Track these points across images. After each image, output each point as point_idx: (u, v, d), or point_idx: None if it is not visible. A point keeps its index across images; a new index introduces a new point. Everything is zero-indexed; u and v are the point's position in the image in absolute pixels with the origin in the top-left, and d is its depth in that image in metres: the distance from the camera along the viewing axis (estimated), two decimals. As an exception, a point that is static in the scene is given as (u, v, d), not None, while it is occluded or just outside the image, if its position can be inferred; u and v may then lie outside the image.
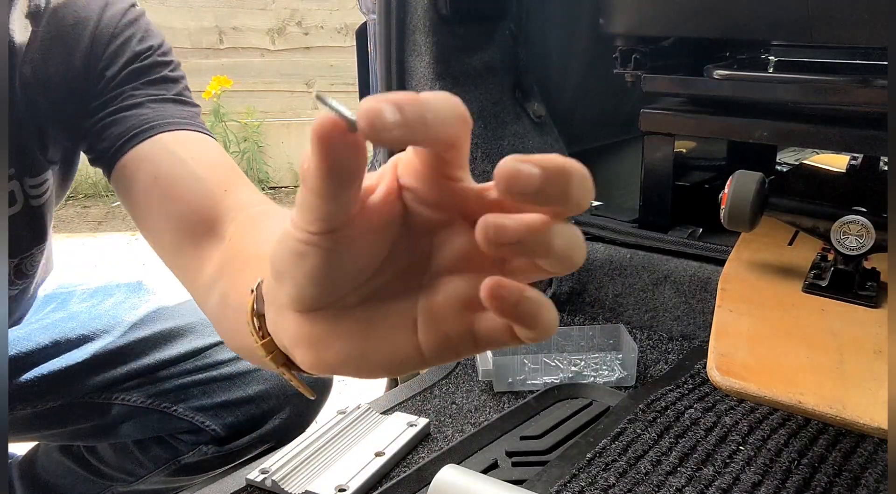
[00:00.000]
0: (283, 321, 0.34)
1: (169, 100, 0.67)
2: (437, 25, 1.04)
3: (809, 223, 0.84)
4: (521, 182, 0.25)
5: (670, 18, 1.01)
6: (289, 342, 0.34)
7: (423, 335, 0.31)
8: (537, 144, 1.17)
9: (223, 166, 0.64)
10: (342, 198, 0.27)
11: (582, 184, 0.26)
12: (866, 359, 0.74)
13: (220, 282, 0.53)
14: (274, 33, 3.93)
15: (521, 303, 0.27)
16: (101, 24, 0.66)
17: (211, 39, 3.83)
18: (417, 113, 0.25)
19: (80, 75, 0.66)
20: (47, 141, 0.69)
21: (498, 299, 0.27)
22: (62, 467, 0.97)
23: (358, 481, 0.67)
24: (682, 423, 0.71)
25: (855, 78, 0.90)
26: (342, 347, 0.32)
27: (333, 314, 0.32)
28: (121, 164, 0.64)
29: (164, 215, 0.61)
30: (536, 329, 0.28)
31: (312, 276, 0.30)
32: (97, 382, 0.84)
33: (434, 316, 0.31)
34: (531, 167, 0.25)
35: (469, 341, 0.30)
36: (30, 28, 0.64)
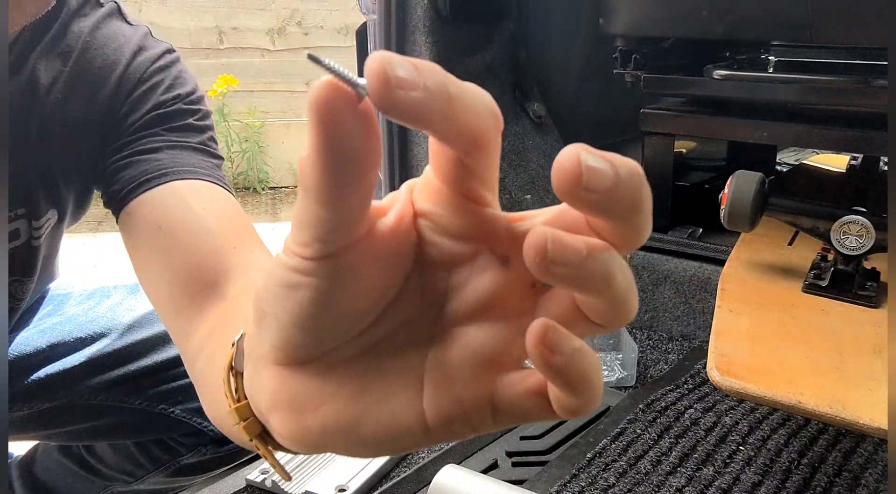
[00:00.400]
0: (262, 377, 0.27)
1: (189, 148, 0.63)
2: (437, 25, 1.04)
3: (809, 223, 0.84)
4: (594, 178, 0.20)
5: (670, 19, 1.01)
6: (266, 404, 0.27)
7: (429, 399, 0.25)
8: (537, 144, 1.17)
9: (236, 222, 0.59)
10: (348, 203, 0.22)
11: (650, 202, 0.21)
12: (866, 359, 0.74)
13: (211, 342, 0.48)
14: (274, 33, 3.93)
15: (574, 359, 0.22)
16: (130, 68, 0.64)
17: (211, 39, 3.83)
18: (439, 81, 0.20)
19: (100, 118, 0.64)
20: (58, 182, 0.67)
21: (550, 347, 0.21)
22: (61, 467, 0.97)
23: (358, 481, 0.67)
24: (682, 423, 0.71)
25: (855, 78, 0.90)
26: (329, 412, 0.26)
27: (322, 369, 0.26)
28: (128, 209, 0.61)
29: (164, 266, 0.56)
30: (582, 397, 0.23)
31: (301, 316, 0.24)
32: (95, 384, 0.84)
33: (445, 375, 0.25)
34: (603, 162, 0.20)
35: (485, 410, 0.25)
36: (58, 67, 0.63)
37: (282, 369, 0.26)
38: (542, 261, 0.20)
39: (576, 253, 0.21)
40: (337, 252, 0.23)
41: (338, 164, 0.21)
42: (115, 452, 0.92)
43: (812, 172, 1.18)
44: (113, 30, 0.65)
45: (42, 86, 0.62)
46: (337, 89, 0.20)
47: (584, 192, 0.20)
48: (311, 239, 0.23)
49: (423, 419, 0.25)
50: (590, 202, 0.20)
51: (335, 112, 0.20)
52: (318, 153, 0.21)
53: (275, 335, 0.25)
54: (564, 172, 0.20)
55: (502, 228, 0.24)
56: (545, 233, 0.21)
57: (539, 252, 0.20)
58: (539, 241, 0.20)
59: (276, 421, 0.27)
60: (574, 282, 0.21)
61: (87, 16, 0.65)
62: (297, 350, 0.25)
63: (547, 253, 0.20)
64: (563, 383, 0.22)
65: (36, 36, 0.61)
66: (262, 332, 0.26)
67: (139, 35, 0.66)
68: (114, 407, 0.85)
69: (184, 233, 0.56)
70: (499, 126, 0.22)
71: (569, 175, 0.20)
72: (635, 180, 0.21)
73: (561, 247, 0.20)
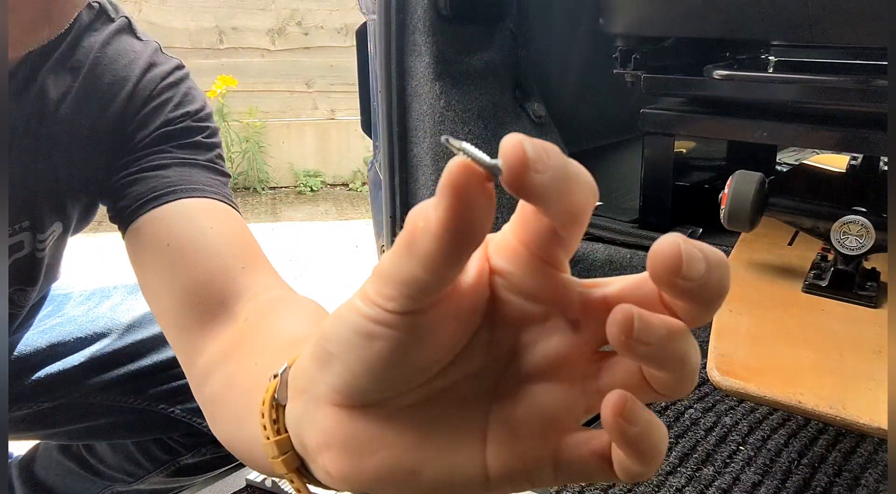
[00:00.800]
0: (316, 415, 0.27)
1: (198, 166, 0.63)
2: (437, 25, 1.04)
3: (809, 223, 0.84)
4: (692, 267, 0.21)
5: (670, 18, 1.01)
6: (318, 442, 0.28)
7: (492, 454, 0.26)
8: (537, 144, 1.17)
9: (244, 241, 0.59)
10: (451, 272, 0.22)
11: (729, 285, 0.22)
12: (866, 359, 0.74)
13: (228, 364, 0.47)
14: (274, 33, 3.93)
15: (648, 430, 0.23)
16: (140, 85, 0.64)
17: (211, 39, 3.83)
18: (560, 163, 0.21)
19: (109, 134, 0.63)
20: (64, 196, 0.66)
21: (627, 418, 0.22)
22: (61, 467, 0.97)
23: (358, 481, 0.67)
24: (682, 423, 0.71)
25: (855, 78, 0.90)
26: (387, 456, 0.26)
27: (383, 414, 0.26)
28: (136, 225, 0.60)
29: (171, 283, 0.56)
30: (649, 465, 0.23)
31: (374, 365, 0.24)
32: (95, 384, 0.84)
33: (510, 431, 0.26)
34: (698, 252, 0.21)
35: (548, 468, 0.25)
36: (68, 82, 0.62)
37: (340, 410, 0.27)
38: (628, 340, 0.21)
39: (659, 333, 0.22)
40: (422, 307, 0.24)
41: (459, 241, 0.21)
42: (114, 452, 0.92)
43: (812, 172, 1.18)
44: (123, 46, 0.65)
45: (52, 100, 0.62)
46: (472, 171, 0.21)
47: (682, 281, 0.21)
48: (400, 295, 0.23)
49: (486, 471, 0.26)
50: (683, 289, 0.21)
51: (469, 193, 0.21)
52: (443, 227, 0.21)
53: (341, 379, 0.26)
54: (665, 259, 0.21)
55: (575, 293, 0.25)
56: (631, 311, 0.21)
57: (625, 330, 0.21)
58: (626, 319, 0.21)
59: (328, 461, 0.27)
60: (653, 360, 0.22)
61: (97, 30, 0.64)
62: (362, 394, 0.26)
63: (633, 332, 0.21)
64: (634, 452, 0.23)
65: (47, 51, 0.61)
66: (324, 373, 0.26)
67: (149, 51, 0.66)
68: (114, 407, 0.85)
69: (192, 252, 0.56)
70: (595, 202, 0.23)
71: (669, 263, 0.21)
72: (723, 269, 0.22)
73: (646, 327, 0.22)
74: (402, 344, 0.24)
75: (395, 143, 1.10)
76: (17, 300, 0.76)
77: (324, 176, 4.00)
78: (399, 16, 1.05)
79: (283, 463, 0.31)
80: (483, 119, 1.11)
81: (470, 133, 1.07)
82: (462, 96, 1.08)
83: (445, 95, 1.06)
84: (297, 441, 0.30)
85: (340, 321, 0.25)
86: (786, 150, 1.43)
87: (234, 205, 0.63)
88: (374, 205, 1.28)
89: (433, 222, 0.21)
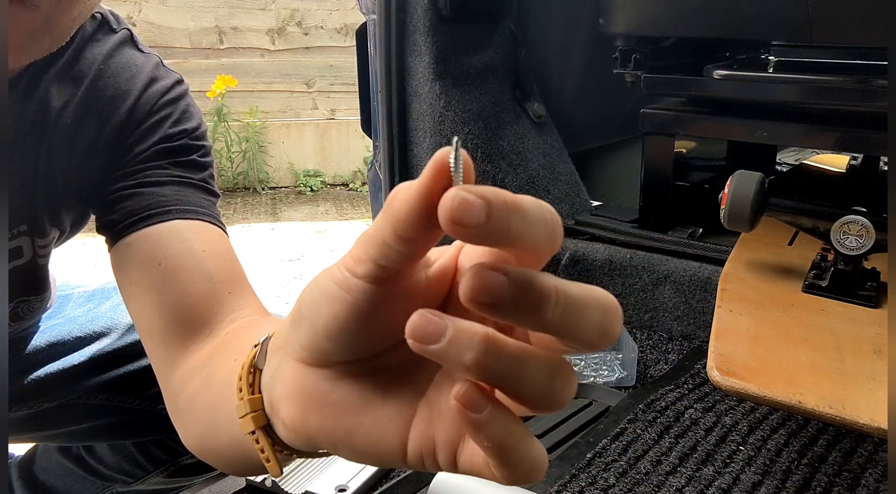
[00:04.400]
0: (284, 369, 0.31)
1: (192, 185, 0.64)
2: (437, 25, 1.04)
3: (809, 223, 0.84)
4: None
5: (670, 18, 1.01)
6: (281, 392, 0.31)
7: (414, 433, 0.29)
8: (537, 144, 1.17)
9: (232, 266, 0.61)
10: (415, 244, 0.25)
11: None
12: (866, 359, 0.74)
13: (207, 368, 0.50)
14: (274, 33, 3.92)
15: (492, 425, 0.24)
16: (141, 100, 0.64)
17: (211, 39, 3.83)
18: (506, 209, 0.22)
19: (107, 146, 0.64)
20: (60, 207, 0.67)
21: (467, 404, 0.24)
22: (61, 467, 0.97)
23: (358, 481, 0.67)
24: (682, 423, 0.71)
25: (855, 78, 0.89)
26: (331, 414, 0.29)
27: (336, 376, 0.30)
28: (128, 240, 0.61)
29: (159, 301, 0.57)
30: (508, 469, 0.25)
31: (333, 326, 0.28)
32: (95, 384, 0.84)
33: (430, 415, 0.29)
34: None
35: (450, 457, 0.28)
36: (70, 92, 0.63)
37: (303, 366, 0.30)
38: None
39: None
40: (382, 280, 0.26)
41: (428, 209, 0.23)
42: (114, 452, 0.92)
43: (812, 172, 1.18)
44: (126, 59, 0.65)
45: (53, 109, 0.62)
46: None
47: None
48: (369, 257, 0.26)
49: (404, 447, 0.29)
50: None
51: (447, 175, 0.23)
52: (421, 191, 0.24)
53: (305, 338, 0.29)
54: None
55: None
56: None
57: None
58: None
59: (285, 410, 0.31)
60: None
61: (99, 41, 0.64)
62: (322, 354, 0.29)
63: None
64: (486, 451, 0.25)
65: (50, 60, 0.61)
66: (295, 331, 0.30)
67: (151, 65, 0.66)
68: (114, 407, 0.85)
69: (183, 273, 0.58)
70: (554, 248, 0.25)
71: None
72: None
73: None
74: (359, 310, 0.27)
75: (395, 143, 1.10)
76: (20, 312, 0.76)
77: (324, 176, 4.00)
78: (399, 16, 1.05)
79: (252, 420, 0.35)
80: (483, 119, 1.11)
81: (470, 133, 1.07)
82: (462, 96, 1.08)
83: (445, 95, 1.06)
84: (268, 400, 0.34)
85: (315, 284, 0.28)
86: (786, 150, 1.43)
87: (222, 227, 0.64)
88: (374, 205, 1.28)
89: (413, 187, 0.24)
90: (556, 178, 1.15)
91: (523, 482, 0.25)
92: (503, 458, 0.25)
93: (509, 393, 0.24)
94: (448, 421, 0.28)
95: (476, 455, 0.27)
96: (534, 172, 1.13)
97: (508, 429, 0.24)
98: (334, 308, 0.27)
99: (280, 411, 0.32)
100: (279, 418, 0.32)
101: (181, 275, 0.58)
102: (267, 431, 0.35)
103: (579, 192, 1.18)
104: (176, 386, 0.54)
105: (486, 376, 0.23)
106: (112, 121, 0.64)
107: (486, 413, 0.24)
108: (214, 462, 0.49)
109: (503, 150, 1.11)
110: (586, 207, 1.16)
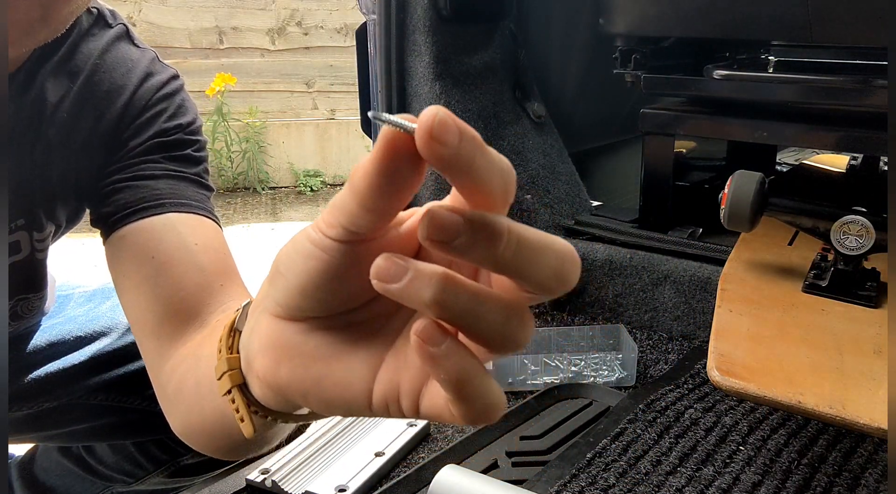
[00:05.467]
0: (260, 324, 0.33)
1: (186, 179, 0.64)
2: (437, 25, 1.04)
3: (809, 223, 0.84)
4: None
5: (670, 18, 1.01)
6: (256, 346, 0.33)
7: (379, 381, 0.30)
8: (537, 144, 1.17)
9: (224, 258, 0.62)
10: (379, 211, 0.26)
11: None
12: (866, 359, 0.74)
13: (197, 353, 0.51)
14: (274, 33, 3.92)
15: (449, 358, 0.25)
16: (137, 94, 0.65)
17: (211, 39, 3.83)
18: (469, 140, 0.24)
19: (103, 141, 0.64)
20: (56, 200, 0.67)
21: (426, 339, 0.25)
22: (61, 467, 0.97)
23: (358, 481, 0.67)
24: (682, 423, 0.71)
25: (855, 78, 0.90)
26: (300, 365, 0.31)
27: (309, 328, 0.31)
28: (122, 232, 0.61)
29: (152, 294, 0.58)
30: (465, 404, 0.26)
31: (307, 283, 0.29)
32: (95, 384, 0.84)
33: (397, 364, 0.30)
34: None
35: (413, 403, 0.29)
36: (66, 86, 0.63)
37: (278, 320, 0.32)
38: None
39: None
40: (354, 239, 0.28)
41: (384, 175, 0.25)
42: (114, 452, 0.92)
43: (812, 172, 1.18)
44: (122, 53, 0.66)
45: (49, 104, 0.62)
46: (402, 134, 0.24)
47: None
48: (339, 223, 0.27)
49: (370, 395, 0.30)
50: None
51: (396, 147, 0.24)
52: (375, 167, 0.25)
53: (280, 293, 0.30)
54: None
55: None
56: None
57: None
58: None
59: (259, 363, 0.33)
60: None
61: (95, 36, 0.65)
62: (296, 309, 0.31)
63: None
64: (442, 385, 0.26)
65: (46, 54, 0.61)
66: (271, 288, 0.31)
67: (147, 60, 0.67)
68: (114, 407, 0.85)
69: (177, 266, 0.58)
70: (507, 200, 0.26)
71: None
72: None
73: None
74: (332, 268, 0.29)
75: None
76: (20, 311, 0.76)
77: (324, 176, 4.00)
78: (399, 16, 1.05)
79: (228, 378, 0.37)
80: (483, 119, 1.11)
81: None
82: (462, 96, 1.08)
83: (445, 95, 1.06)
84: (244, 358, 0.35)
85: (291, 243, 0.30)
86: (786, 150, 1.43)
87: (216, 220, 0.65)
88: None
89: (368, 163, 0.25)
90: (556, 178, 1.15)
91: (481, 420, 0.26)
92: (460, 392, 0.26)
93: (468, 332, 0.25)
94: (412, 369, 0.29)
95: (437, 398, 0.28)
96: (534, 172, 1.13)
97: (465, 363, 0.25)
98: (309, 264, 0.29)
99: (254, 365, 0.33)
100: (254, 373, 0.34)
101: (175, 269, 0.58)
102: (243, 390, 0.37)
103: (579, 192, 1.18)
104: (166, 375, 0.55)
105: (445, 313, 0.25)
106: (108, 115, 0.64)
107: (444, 347, 0.25)
108: (198, 440, 0.50)
109: (503, 150, 1.11)
110: (586, 207, 1.16)
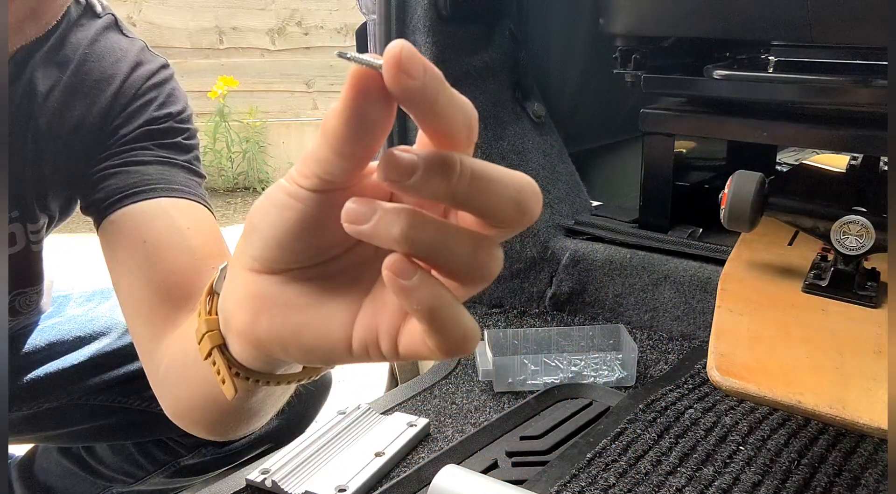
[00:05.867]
0: (236, 280, 0.33)
1: (177, 166, 0.65)
2: (437, 25, 1.04)
3: (809, 223, 0.84)
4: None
5: (670, 18, 1.01)
6: (234, 302, 0.33)
7: (358, 326, 0.30)
8: (537, 144, 1.17)
9: (216, 243, 0.62)
10: (353, 156, 0.26)
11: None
12: (866, 359, 0.74)
13: (186, 335, 0.51)
14: (274, 33, 3.92)
15: (421, 289, 0.26)
16: (127, 83, 0.65)
17: (211, 39, 3.83)
18: (434, 76, 0.24)
19: (94, 130, 0.64)
20: (47, 191, 0.67)
21: (397, 272, 0.25)
22: (61, 468, 0.97)
23: (358, 481, 0.67)
24: (682, 423, 0.71)
25: (855, 78, 0.89)
26: (279, 315, 0.31)
27: (286, 280, 0.31)
28: (113, 218, 0.61)
29: (145, 279, 0.58)
30: (440, 335, 0.26)
31: (283, 234, 0.29)
32: (95, 384, 0.84)
33: (374, 309, 0.30)
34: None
35: (391, 344, 0.29)
36: (56, 76, 0.63)
37: (254, 274, 0.32)
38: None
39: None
40: (329, 188, 0.28)
41: (356, 119, 0.25)
42: (114, 453, 0.92)
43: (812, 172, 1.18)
44: (111, 43, 0.66)
45: (39, 93, 0.62)
46: (371, 73, 0.24)
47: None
48: (313, 173, 0.28)
49: (350, 340, 0.30)
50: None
51: (364, 85, 0.25)
52: (346, 109, 0.25)
53: (256, 247, 0.31)
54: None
55: None
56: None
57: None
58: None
59: (237, 319, 0.33)
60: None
61: (84, 26, 0.65)
62: (272, 261, 0.31)
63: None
64: (417, 317, 0.26)
65: (35, 45, 0.61)
66: (246, 244, 0.31)
67: (136, 49, 0.67)
68: (114, 407, 0.85)
69: (168, 250, 0.59)
70: (470, 139, 0.26)
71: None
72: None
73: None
74: (307, 218, 0.29)
75: (394, 144, 1.10)
76: (18, 306, 0.76)
77: (324, 176, 3.99)
78: (399, 16, 1.05)
79: (209, 339, 0.37)
80: (483, 119, 1.11)
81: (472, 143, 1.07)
82: (462, 96, 1.07)
83: (445, 95, 1.05)
84: (223, 318, 0.36)
85: (265, 196, 0.30)
86: (786, 150, 1.43)
87: (208, 206, 0.65)
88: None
89: (338, 107, 0.25)
90: (556, 178, 1.15)
91: (457, 350, 0.27)
92: (434, 322, 0.26)
93: (438, 267, 0.26)
94: (389, 310, 0.30)
95: (414, 335, 0.28)
96: (534, 172, 1.13)
97: (437, 294, 0.26)
98: (284, 215, 0.29)
99: (232, 322, 0.33)
100: (233, 331, 0.34)
101: (167, 253, 0.59)
102: (223, 351, 0.37)
103: (579, 192, 1.18)
104: (158, 358, 0.55)
105: (413, 248, 0.25)
106: (97, 104, 0.64)
107: (416, 279, 0.25)
108: (186, 415, 0.50)
109: (503, 150, 1.11)
110: (586, 207, 1.16)
